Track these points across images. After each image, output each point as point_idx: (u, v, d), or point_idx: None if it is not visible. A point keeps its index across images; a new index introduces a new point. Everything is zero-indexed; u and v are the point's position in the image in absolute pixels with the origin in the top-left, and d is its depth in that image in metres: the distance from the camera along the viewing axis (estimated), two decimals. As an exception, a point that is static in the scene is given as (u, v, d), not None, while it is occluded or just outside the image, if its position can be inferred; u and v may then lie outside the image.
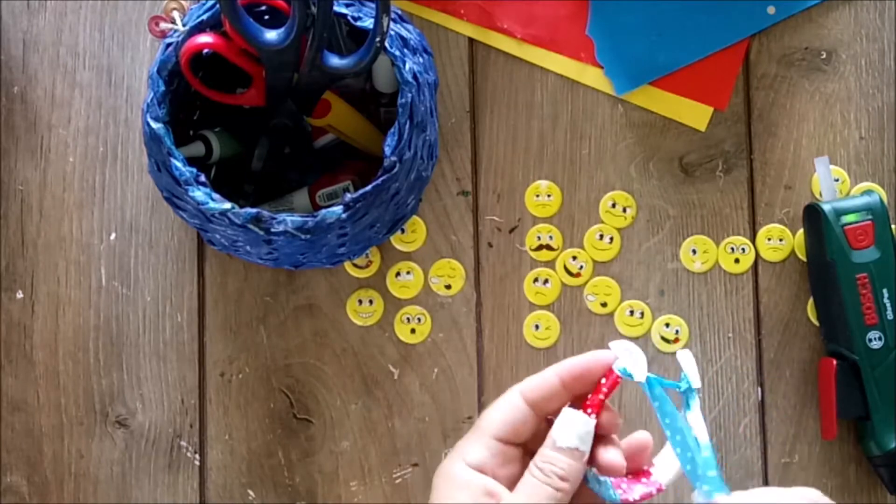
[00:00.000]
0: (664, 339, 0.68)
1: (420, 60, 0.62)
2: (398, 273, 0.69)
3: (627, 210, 0.69)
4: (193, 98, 0.63)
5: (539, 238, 0.69)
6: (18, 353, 0.68)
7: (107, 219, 0.69)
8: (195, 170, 0.57)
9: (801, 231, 0.68)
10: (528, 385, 0.51)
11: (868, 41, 0.69)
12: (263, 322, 0.69)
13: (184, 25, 0.59)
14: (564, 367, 0.51)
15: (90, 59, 0.70)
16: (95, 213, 0.69)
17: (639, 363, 0.50)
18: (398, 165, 0.59)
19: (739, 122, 0.69)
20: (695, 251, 0.69)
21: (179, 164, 0.57)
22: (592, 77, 0.70)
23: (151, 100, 0.58)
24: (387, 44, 0.59)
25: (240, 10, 0.57)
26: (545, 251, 0.69)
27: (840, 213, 0.64)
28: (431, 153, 0.66)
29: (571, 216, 0.69)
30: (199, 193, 0.57)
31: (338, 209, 0.57)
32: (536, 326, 0.68)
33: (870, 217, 0.64)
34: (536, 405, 0.51)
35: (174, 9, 0.68)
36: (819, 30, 0.70)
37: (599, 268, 0.69)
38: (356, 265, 0.69)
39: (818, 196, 0.68)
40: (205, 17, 0.59)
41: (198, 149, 0.64)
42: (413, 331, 0.68)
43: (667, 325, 0.68)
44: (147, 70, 0.70)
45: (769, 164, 0.69)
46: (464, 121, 0.70)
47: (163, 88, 0.58)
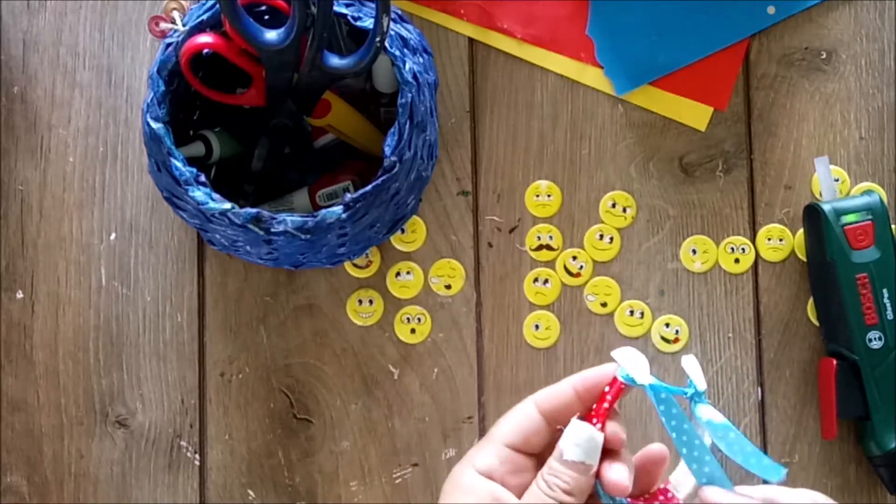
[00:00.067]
0: (664, 339, 0.68)
1: (420, 60, 0.62)
2: (398, 273, 0.69)
3: (627, 210, 0.69)
4: (193, 98, 0.63)
5: (539, 238, 0.69)
6: (18, 353, 0.68)
7: (107, 219, 0.69)
8: (195, 170, 0.57)
9: (801, 231, 0.68)
10: (543, 395, 0.51)
11: (868, 41, 0.70)
12: (263, 322, 0.69)
13: (184, 25, 0.59)
14: (580, 379, 0.50)
15: (90, 59, 0.70)
16: (95, 213, 0.69)
17: (641, 368, 0.50)
18: (398, 165, 0.59)
19: (739, 122, 0.69)
20: (695, 251, 0.69)
21: (179, 164, 0.57)
22: (592, 77, 0.70)
23: (151, 100, 0.58)
24: (387, 44, 0.59)
25: (240, 10, 0.57)
26: (545, 251, 0.69)
27: (840, 213, 0.64)
28: (431, 153, 0.66)
29: (571, 216, 0.69)
30: (199, 193, 0.57)
31: (338, 209, 0.57)
32: (536, 326, 0.68)
33: (870, 217, 0.64)
34: (550, 415, 0.50)
35: (174, 9, 0.68)
36: (819, 30, 0.70)
37: (599, 268, 0.69)
38: (356, 265, 0.69)
39: (818, 196, 0.68)
40: (205, 17, 0.59)
41: (198, 149, 0.64)
42: (413, 331, 0.68)
43: (667, 325, 0.68)
44: (147, 70, 0.70)
45: (769, 164, 0.69)
46: (464, 121, 0.70)
47: (163, 88, 0.58)
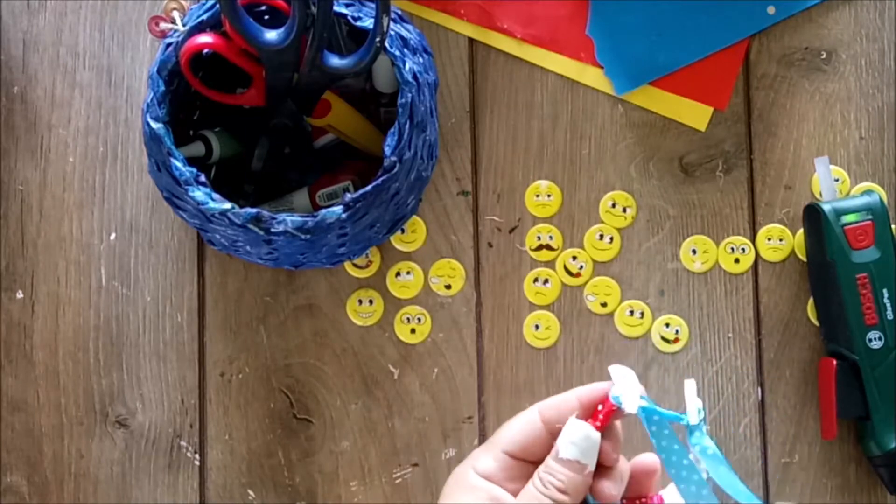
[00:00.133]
0: (664, 339, 0.68)
1: (420, 60, 0.62)
2: (398, 273, 0.69)
3: (627, 210, 0.69)
4: (193, 98, 0.63)
5: (539, 238, 0.69)
6: (18, 353, 0.68)
7: (107, 219, 0.69)
8: (195, 170, 0.57)
9: (801, 231, 0.68)
10: (547, 404, 0.51)
11: (868, 41, 0.69)
12: (263, 322, 0.69)
13: (184, 25, 0.59)
14: (586, 391, 0.50)
15: (90, 59, 0.70)
16: (95, 213, 0.69)
17: (632, 391, 0.49)
18: (398, 165, 0.59)
19: (739, 122, 0.69)
20: (695, 251, 0.69)
21: (179, 164, 0.57)
22: (592, 77, 0.70)
23: (151, 100, 0.58)
24: (387, 44, 0.59)
25: (240, 10, 0.57)
26: (545, 251, 0.69)
27: (840, 213, 0.64)
28: (431, 153, 0.66)
29: (571, 216, 0.69)
30: (199, 193, 0.57)
31: (338, 209, 0.57)
32: (536, 326, 0.68)
33: (870, 217, 0.64)
34: (552, 425, 0.50)
35: (174, 9, 0.68)
36: (819, 30, 0.70)
37: (599, 268, 0.69)
38: (356, 265, 0.69)
39: (818, 196, 0.68)
40: (205, 17, 0.59)
41: (198, 149, 0.64)
42: (413, 331, 0.68)
43: (667, 325, 0.68)
44: (147, 70, 0.70)
45: (769, 164, 0.69)
46: (464, 121, 0.70)
47: (163, 88, 0.58)
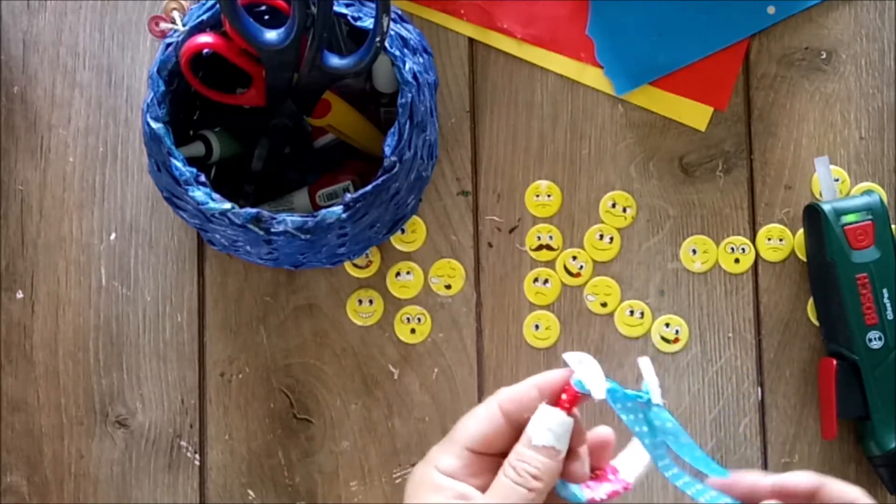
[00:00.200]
0: (664, 339, 0.68)
1: (420, 60, 0.62)
2: (398, 273, 0.69)
3: (627, 210, 0.69)
4: (193, 98, 0.63)
5: (539, 238, 0.69)
6: (18, 353, 0.68)
7: (107, 219, 0.69)
8: (195, 170, 0.57)
9: (801, 231, 0.68)
10: (506, 396, 0.50)
11: (868, 41, 0.70)
12: (263, 322, 0.69)
13: (184, 25, 0.59)
14: (545, 380, 0.50)
15: (90, 59, 0.70)
16: (95, 213, 0.69)
17: (596, 377, 0.49)
18: (398, 165, 0.59)
19: (739, 122, 0.69)
20: (695, 251, 0.69)
21: (179, 164, 0.57)
22: (592, 77, 0.70)
23: (151, 100, 0.58)
24: (387, 44, 0.59)
25: (240, 10, 0.57)
26: (545, 251, 0.69)
27: (840, 213, 0.64)
28: (431, 153, 0.66)
29: (571, 216, 0.69)
30: (199, 193, 0.57)
31: (338, 209, 0.57)
32: (536, 326, 0.68)
33: (870, 217, 0.64)
34: (514, 417, 0.50)
35: (174, 9, 0.68)
36: (819, 30, 0.70)
37: (599, 268, 0.69)
38: (356, 265, 0.69)
39: (818, 196, 0.68)
40: (205, 17, 0.59)
41: (198, 149, 0.64)
42: (413, 331, 0.68)
43: (667, 325, 0.68)
44: (147, 70, 0.70)
45: (769, 164, 0.69)
46: (464, 121, 0.70)
47: (163, 88, 0.58)
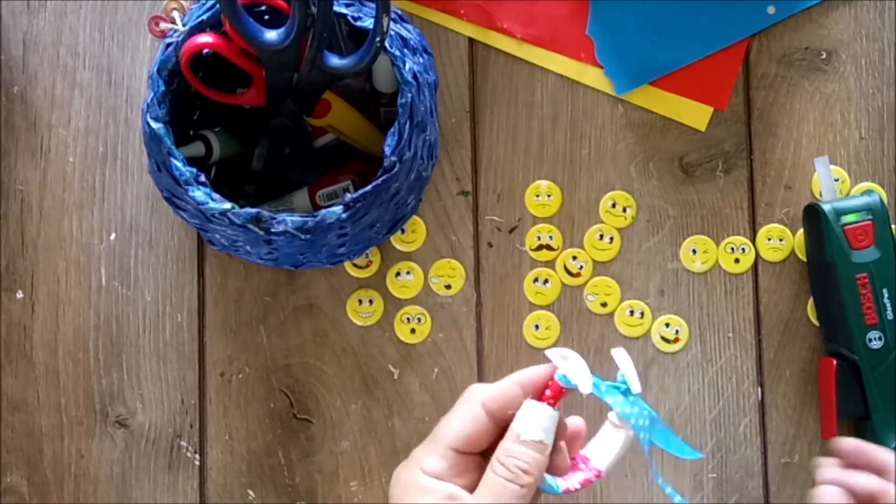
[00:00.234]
0: (664, 339, 0.68)
1: (420, 60, 0.62)
2: (398, 273, 0.69)
3: (627, 210, 0.69)
4: (193, 98, 0.63)
5: (539, 238, 0.69)
6: (18, 353, 0.68)
7: (107, 219, 0.69)
8: (195, 170, 0.57)
9: (801, 231, 0.68)
10: (489, 394, 0.50)
11: (868, 41, 0.70)
12: (263, 322, 0.69)
13: (184, 25, 0.59)
14: (526, 377, 0.50)
15: (90, 59, 0.70)
16: (95, 213, 0.69)
17: (581, 372, 0.49)
18: (398, 165, 0.59)
19: (739, 122, 0.69)
20: (695, 251, 0.69)
21: (179, 164, 0.57)
22: (592, 77, 0.70)
23: (151, 100, 0.58)
24: (387, 44, 0.59)
25: (240, 10, 0.57)
26: (545, 251, 0.69)
27: (840, 213, 0.64)
28: (431, 153, 0.66)
29: (571, 216, 0.69)
30: (199, 193, 0.57)
31: (338, 209, 0.57)
32: (536, 326, 0.68)
33: (870, 217, 0.64)
34: (497, 414, 0.50)
35: (174, 9, 0.68)
36: (819, 30, 0.70)
37: (599, 268, 0.69)
38: (356, 265, 0.69)
39: (818, 196, 0.68)
40: (205, 17, 0.59)
41: (198, 149, 0.64)
42: (413, 331, 0.68)
43: (667, 325, 0.68)
44: (147, 70, 0.70)
45: (769, 164, 0.69)
46: (464, 121, 0.70)
47: (163, 88, 0.58)
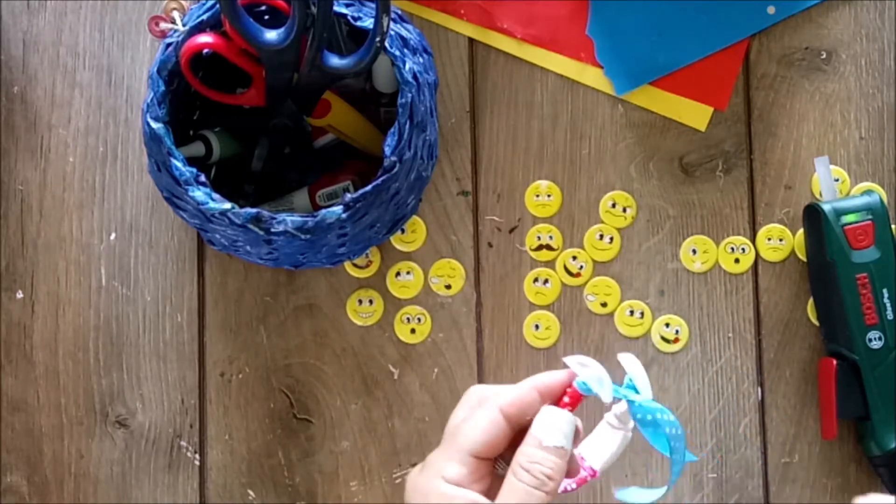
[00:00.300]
0: (664, 339, 0.68)
1: (420, 60, 0.62)
2: (398, 273, 0.69)
3: (627, 210, 0.69)
4: (193, 98, 0.63)
5: (539, 238, 0.69)
6: (18, 353, 0.68)
7: (107, 219, 0.69)
8: (195, 170, 0.57)
9: (801, 231, 0.68)
10: (507, 399, 0.50)
11: (868, 41, 0.70)
12: (263, 322, 0.69)
13: (184, 25, 0.59)
14: (544, 382, 0.50)
15: (90, 59, 0.70)
16: (95, 213, 0.69)
17: (604, 381, 0.49)
18: (398, 165, 0.59)
19: (739, 122, 0.69)
20: (695, 251, 0.69)
21: (179, 164, 0.57)
22: (592, 77, 0.70)
23: (151, 100, 0.58)
24: (387, 44, 0.59)
25: (240, 10, 0.57)
26: (545, 251, 0.69)
27: (840, 213, 0.64)
28: (431, 153, 0.66)
29: (571, 216, 0.69)
30: (199, 193, 0.57)
31: (338, 209, 0.57)
32: (536, 326, 0.68)
33: (870, 217, 0.64)
34: (514, 420, 0.50)
35: (174, 9, 0.68)
36: (819, 30, 0.70)
37: (599, 268, 0.69)
38: (356, 265, 0.69)
39: (818, 196, 0.68)
40: (205, 17, 0.59)
41: (198, 149, 0.64)
42: (413, 331, 0.68)
43: (667, 325, 0.68)
44: (147, 70, 0.70)
45: (769, 164, 0.69)
46: (464, 121, 0.70)
47: (163, 88, 0.58)
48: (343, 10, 0.59)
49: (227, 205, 0.57)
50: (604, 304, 0.69)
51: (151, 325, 0.69)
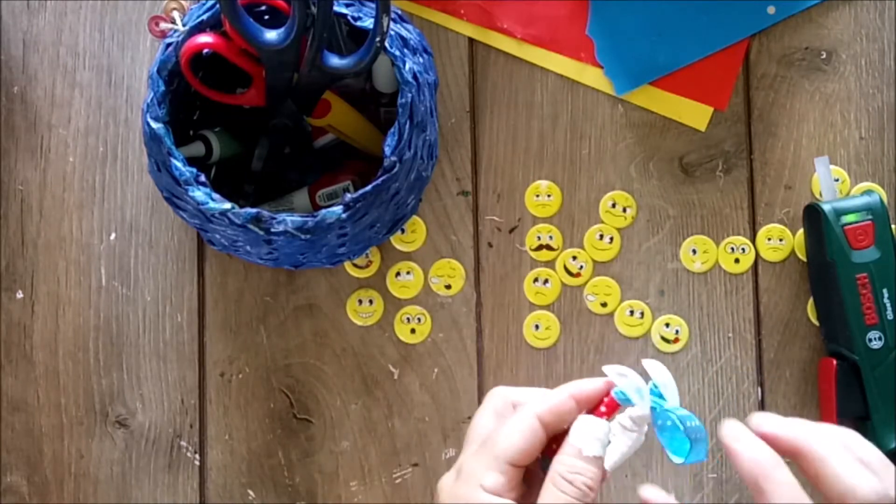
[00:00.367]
0: (664, 339, 0.68)
1: (420, 60, 0.62)
2: (398, 273, 0.69)
3: (627, 210, 0.69)
4: (193, 98, 0.63)
5: (539, 238, 0.69)
6: (18, 353, 0.68)
7: (107, 219, 0.69)
8: (195, 170, 0.57)
9: (801, 231, 0.68)
10: (545, 407, 0.49)
11: (868, 41, 0.70)
12: (263, 322, 0.69)
13: (184, 25, 0.59)
14: (580, 390, 0.50)
15: (90, 59, 0.70)
16: (95, 213, 0.69)
17: (643, 392, 0.49)
18: (398, 165, 0.59)
19: (739, 122, 0.69)
20: (695, 251, 0.69)
21: (179, 164, 0.57)
22: (592, 77, 0.70)
23: (151, 100, 0.58)
24: (387, 44, 0.59)
25: (240, 10, 0.57)
26: (545, 251, 0.69)
27: (840, 213, 0.64)
28: (431, 153, 0.66)
29: (571, 216, 0.69)
30: (199, 193, 0.57)
31: (338, 209, 0.57)
32: (536, 326, 0.68)
33: (870, 217, 0.64)
34: (551, 427, 0.49)
35: (174, 9, 0.68)
36: (819, 30, 0.70)
37: (599, 268, 0.69)
38: (356, 265, 0.69)
39: (818, 196, 0.68)
40: (205, 17, 0.59)
41: (198, 149, 0.64)
42: (413, 331, 0.68)
43: (667, 325, 0.68)
44: (147, 70, 0.70)
45: (769, 164, 0.69)
46: (464, 121, 0.70)
47: (163, 88, 0.58)
48: (343, 10, 0.59)
49: (227, 205, 0.57)
50: (604, 304, 0.69)
51: (151, 325, 0.69)
